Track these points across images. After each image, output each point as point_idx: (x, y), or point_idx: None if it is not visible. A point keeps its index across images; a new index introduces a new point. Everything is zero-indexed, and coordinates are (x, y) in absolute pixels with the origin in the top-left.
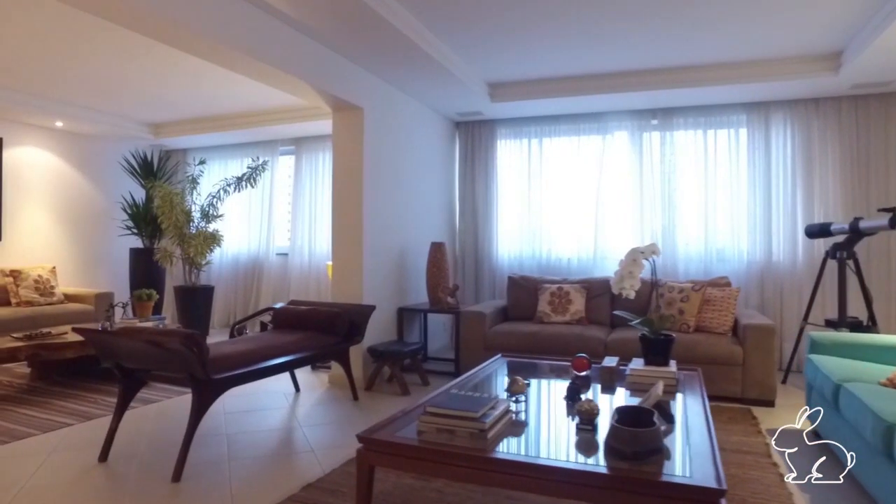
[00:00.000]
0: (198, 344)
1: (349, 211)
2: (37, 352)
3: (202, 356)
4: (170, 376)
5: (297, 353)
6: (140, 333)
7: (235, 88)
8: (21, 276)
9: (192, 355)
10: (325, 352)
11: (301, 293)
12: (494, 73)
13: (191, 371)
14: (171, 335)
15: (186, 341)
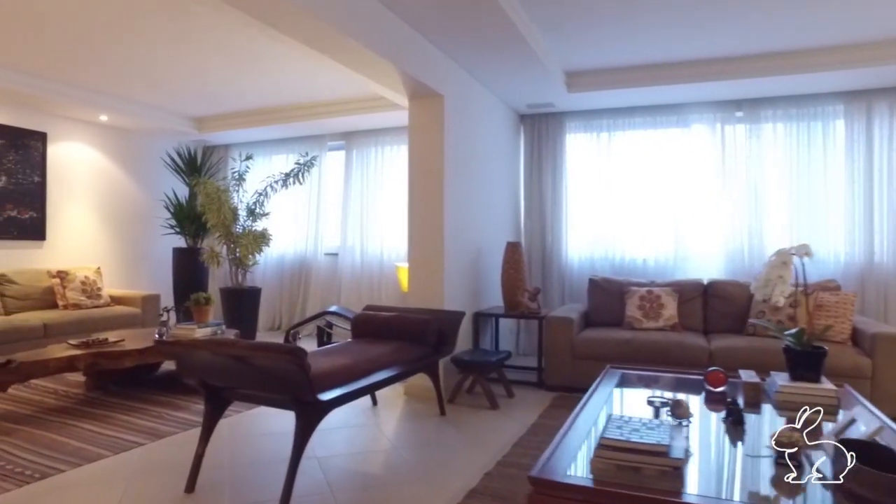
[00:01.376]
0: (303, 361)
1: (429, 208)
2: (95, 360)
3: (308, 375)
4: (265, 397)
5: (396, 367)
6: (232, 348)
7: (283, 80)
8: (68, 278)
9: (297, 374)
10: (418, 364)
11: (352, 296)
12: (574, 61)
13: (295, 392)
14: (270, 351)
15: (292, 358)
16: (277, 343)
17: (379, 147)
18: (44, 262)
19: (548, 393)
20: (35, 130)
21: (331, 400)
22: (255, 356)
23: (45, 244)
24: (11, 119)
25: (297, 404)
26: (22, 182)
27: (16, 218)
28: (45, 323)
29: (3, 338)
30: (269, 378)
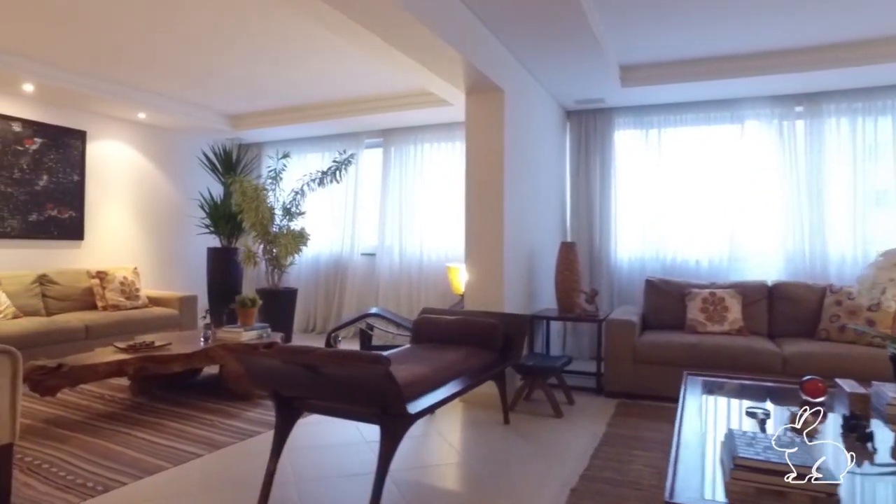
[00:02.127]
0: (391, 372)
1: (487, 207)
2: (144, 365)
3: (398, 386)
4: (346, 409)
5: (471, 375)
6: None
7: (325, 76)
8: (107, 278)
9: (386, 384)
10: (491, 371)
11: (391, 297)
12: (630, 54)
13: (383, 404)
14: (355, 360)
15: (381, 369)
16: (361, 352)
17: (418, 144)
18: (82, 261)
19: (608, 399)
20: (75, 129)
21: (419, 412)
22: (338, 365)
23: (83, 244)
24: (52, 117)
25: (384, 417)
26: (62, 181)
27: (56, 217)
28: (87, 324)
29: (47, 339)
30: (353, 389)
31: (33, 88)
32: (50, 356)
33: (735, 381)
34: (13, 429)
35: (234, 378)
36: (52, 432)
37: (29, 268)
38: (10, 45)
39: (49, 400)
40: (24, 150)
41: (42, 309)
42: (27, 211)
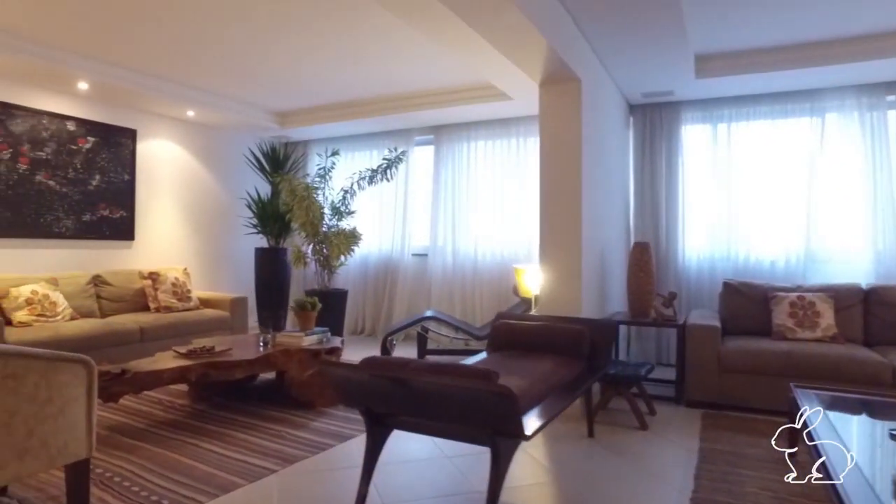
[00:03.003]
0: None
1: (564, 204)
2: (206, 371)
3: (517, 405)
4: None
5: (566, 387)
6: (409, 371)
7: (372, 71)
8: (160, 279)
9: (501, 403)
10: (584, 383)
11: (444, 299)
12: (708, 42)
13: (496, 423)
14: (463, 375)
15: (502, 389)
16: (470, 366)
17: (472, 141)
18: (132, 262)
19: (690, 410)
20: (126, 127)
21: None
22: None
23: (134, 244)
24: (104, 116)
25: (496, 438)
26: (114, 180)
27: (108, 217)
28: (142, 326)
29: (103, 341)
30: (460, 407)
31: (88, 86)
32: (106, 359)
33: (854, 396)
34: (90, 442)
35: (296, 385)
36: (117, 441)
37: (81, 268)
38: (67, 43)
39: (110, 406)
40: (77, 150)
41: (97, 310)
42: (80, 211)
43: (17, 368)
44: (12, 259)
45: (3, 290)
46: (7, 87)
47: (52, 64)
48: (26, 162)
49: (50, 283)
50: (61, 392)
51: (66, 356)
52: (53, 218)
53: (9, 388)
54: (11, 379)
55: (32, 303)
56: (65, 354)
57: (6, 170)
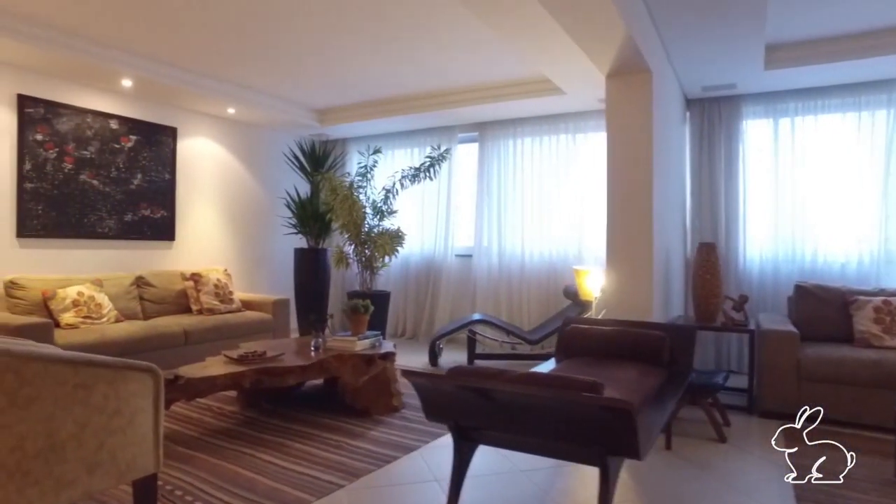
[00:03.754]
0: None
1: (634, 202)
2: (259, 378)
3: (634, 422)
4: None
5: (659, 399)
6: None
7: (416, 66)
8: (201, 281)
9: (621, 422)
10: (673, 392)
11: (490, 301)
12: (780, 30)
13: (610, 443)
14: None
15: (615, 402)
16: (573, 377)
17: (518, 138)
18: (172, 263)
19: (765, 420)
20: (166, 125)
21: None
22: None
23: (174, 244)
24: (146, 114)
25: (606, 457)
26: (154, 179)
27: (149, 217)
28: (186, 329)
29: (147, 344)
30: (565, 423)
31: (131, 83)
32: (152, 363)
33: None
34: (157, 456)
35: (351, 392)
36: (172, 450)
37: (123, 269)
38: (114, 39)
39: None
40: (120, 148)
41: (139, 312)
42: (122, 211)
43: (87, 377)
44: (57, 259)
45: (50, 292)
46: (54, 85)
47: (99, 61)
48: (71, 161)
49: (95, 284)
50: (129, 402)
51: (134, 364)
52: (97, 218)
53: (79, 398)
54: (81, 388)
55: (79, 304)
56: (133, 363)
57: (52, 169)
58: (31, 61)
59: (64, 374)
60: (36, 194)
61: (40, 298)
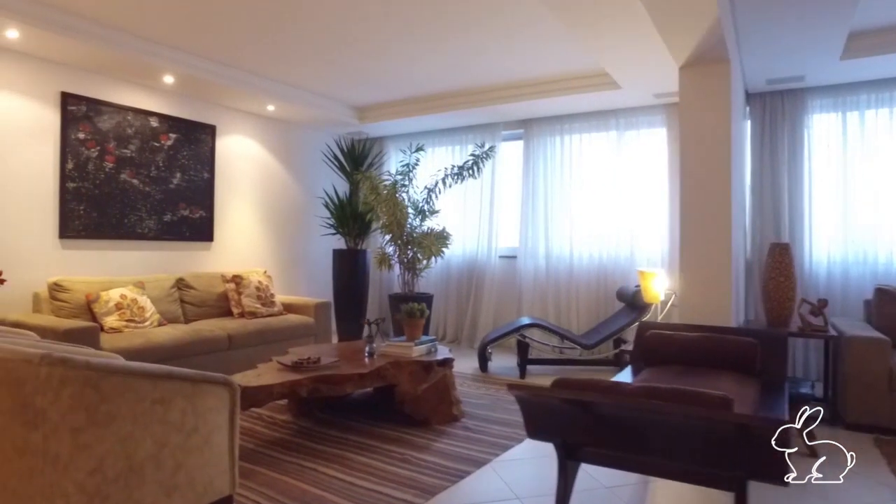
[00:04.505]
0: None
1: (711, 200)
2: (317, 386)
3: (785, 446)
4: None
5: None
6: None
7: (461, 61)
8: (242, 283)
9: (768, 443)
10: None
11: (536, 304)
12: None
13: (753, 466)
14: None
15: (765, 420)
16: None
17: (565, 135)
18: (211, 264)
19: (854, 433)
20: (206, 123)
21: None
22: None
23: (212, 245)
24: (185, 111)
25: (745, 481)
26: (193, 179)
27: (188, 217)
28: (229, 334)
29: (191, 349)
30: (701, 442)
31: (173, 80)
32: (196, 369)
33: None
34: (233, 477)
35: (409, 401)
36: None
37: (162, 271)
38: (157, 34)
39: None
40: (160, 147)
41: (181, 315)
42: (162, 211)
43: (166, 392)
44: (97, 261)
45: (93, 294)
46: (96, 82)
47: (143, 55)
48: (112, 160)
49: (137, 286)
50: (206, 419)
51: (211, 377)
52: (136, 218)
53: (157, 415)
54: (160, 404)
55: (122, 307)
56: (210, 375)
57: (94, 168)
58: (75, 57)
59: (143, 388)
60: (78, 194)
61: (84, 301)
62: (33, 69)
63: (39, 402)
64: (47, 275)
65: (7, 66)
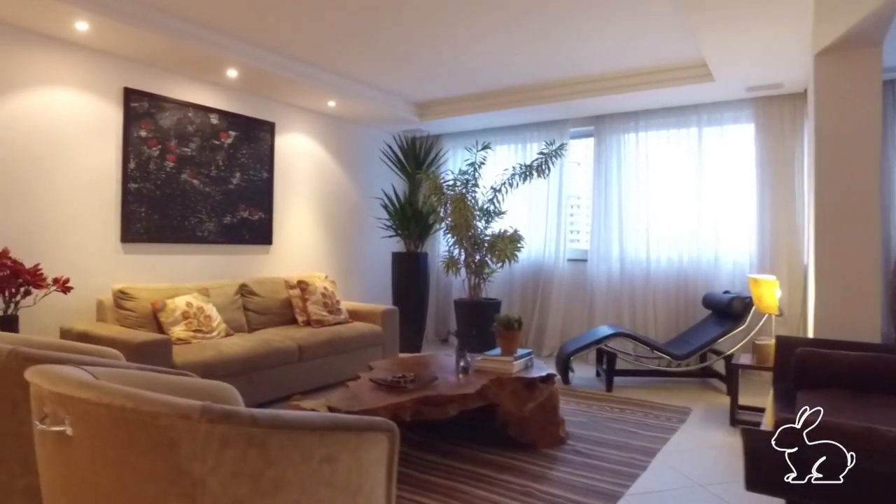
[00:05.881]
0: None
1: (855, 199)
2: (419, 408)
3: None
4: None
5: None
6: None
7: (525, 56)
8: (308, 289)
9: None
10: None
11: (610, 311)
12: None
13: None
14: None
15: None
16: None
17: (640, 132)
18: (270, 269)
19: None
20: (265, 120)
21: None
22: None
23: (271, 249)
24: (245, 108)
25: None
26: (253, 178)
27: (247, 219)
28: (300, 344)
29: (262, 362)
30: None
31: (237, 74)
32: (264, 383)
33: None
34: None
35: (515, 422)
36: None
37: (223, 276)
38: (222, 24)
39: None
40: (219, 145)
41: (245, 324)
42: (222, 212)
43: (332, 447)
44: (158, 266)
45: (159, 303)
46: (158, 76)
47: (208, 46)
48: (173, 159)
49: (202, 293)
50: (368, 474)
51: (375, 424)
52: (197, 221)
53: (324, 477)
54: (327, 463)
55: (189, 317)
56: (374, 421)
57: (155, 168)
58: (139, 50)
59: (310, 445)
60: (139, 195)
61: (150, 310)
62: (97, 65)
63: (198, 470)
64: (110, 281)
65: (71, 62)
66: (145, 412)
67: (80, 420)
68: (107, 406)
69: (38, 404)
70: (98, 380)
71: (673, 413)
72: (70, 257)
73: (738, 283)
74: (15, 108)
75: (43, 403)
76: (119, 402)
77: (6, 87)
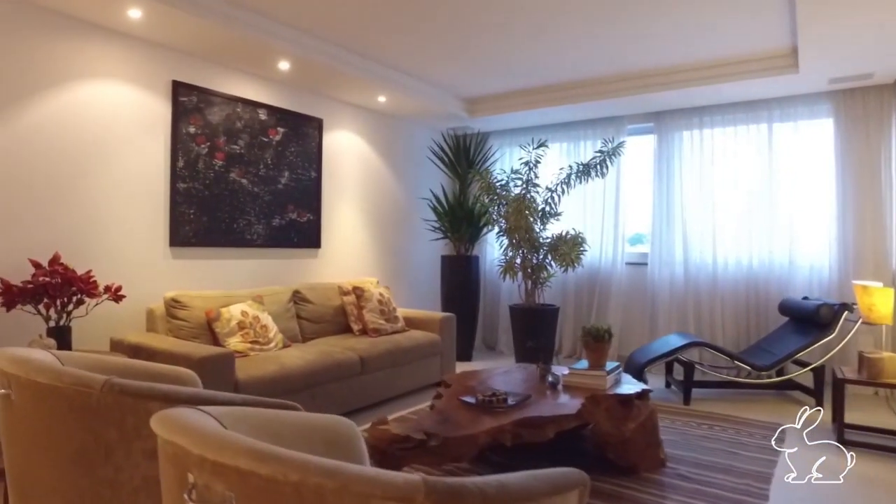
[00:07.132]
0: None
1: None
2: (518, 431)
3: None
4: None
5: None
6: None
7: (582, 49)
8: (364, 296)
9: None
10: None
11: (674, 318)
12: None
13: None
14: None
15: None
16: None
17: (704, 128)
18: (319, 274)
19: None
20: (313, 116)
21: None
22: None
23: (320, 252)
24: (293, 103)
25: None
26: (301, 178)
27: (296, 221)
28: (361, 356)
29: (324, 376)
30: None
31: (288, 66)
32: (326, 398)
33: None
34: None
35: (613, 444)
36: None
37: (273, 282)
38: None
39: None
40: (268, 142)
41: (298, 333)
42: (270, 214)
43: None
44: (207, 271)
45: (214, 312)
46: (207, 69)
47: (262, 35)
48: (222, 157)
49: (256, 301)
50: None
51: (572, 479)
52: (245, 223)
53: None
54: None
55: (244, 327)
56: (569, 475)
57: (204, 167)
58: (190, 40)
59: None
60: (188, 195)
61: (203, 319)
62: (145, 56)
63: None
64: (158, 287)
65: (119, 53)
66: (356, 493)
67: (247, 500)
68: (294, 485)
69: (179, 469)
70: (245, 437)
71: (764, 430)
72: (118, 262)
73: (817, 288)
74: (62, 103)
75: (187, 468)
76: (314, 479)
77: (54, 82)
